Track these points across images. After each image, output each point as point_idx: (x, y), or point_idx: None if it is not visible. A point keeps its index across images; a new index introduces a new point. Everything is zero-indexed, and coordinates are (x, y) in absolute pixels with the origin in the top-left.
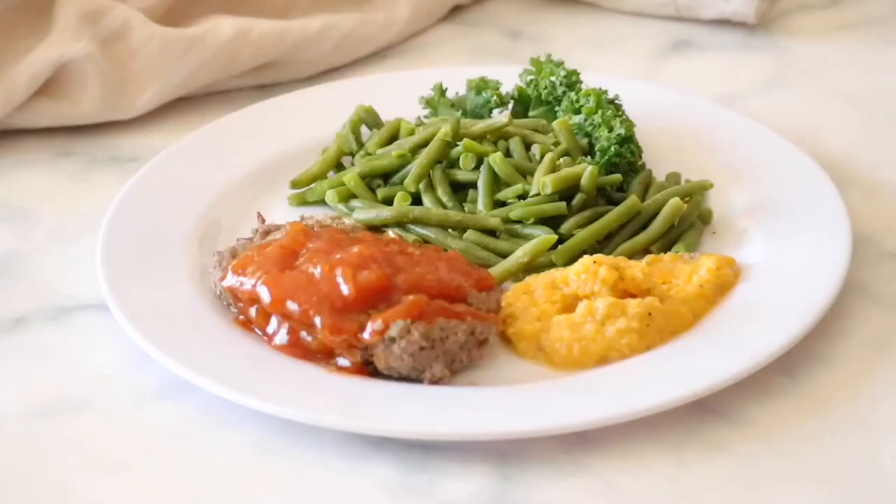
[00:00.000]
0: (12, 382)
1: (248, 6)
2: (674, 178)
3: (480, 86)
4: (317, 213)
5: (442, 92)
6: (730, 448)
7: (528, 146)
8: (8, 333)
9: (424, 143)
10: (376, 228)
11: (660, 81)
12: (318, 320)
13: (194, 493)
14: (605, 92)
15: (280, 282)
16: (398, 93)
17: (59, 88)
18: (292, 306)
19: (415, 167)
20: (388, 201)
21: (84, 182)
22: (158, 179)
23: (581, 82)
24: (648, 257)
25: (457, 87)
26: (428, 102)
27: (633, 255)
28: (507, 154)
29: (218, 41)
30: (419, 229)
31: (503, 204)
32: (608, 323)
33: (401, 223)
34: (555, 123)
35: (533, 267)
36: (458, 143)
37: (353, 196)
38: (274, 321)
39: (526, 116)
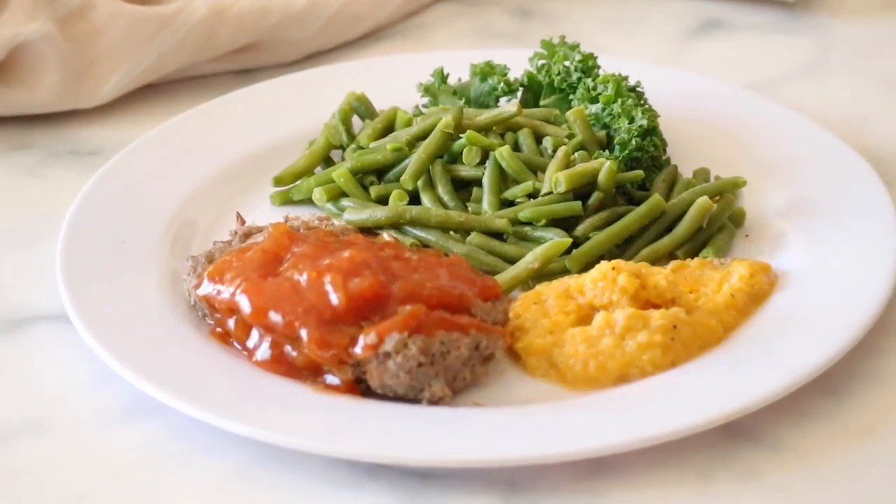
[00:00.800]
0: None
1: None
2: (702, 174)
3: (486, 71)
4: (303, 214)
5: (443, 78)
6: (764, 477)
7: (538, 139)
8: None
9: (423, 136)
10: (369, 231)
11: (686, 66)
12: (304, 333)
13: None
14: (626, 78)
15: (262, 290)
16: (394, 79)
17: (14, 73)
18: (275, 317)
19: (412, 162)
20: (383, 200)
21: (42, 178)
22: (125, 175)
23: (598, 67)
24: (673, 263)
25: (459, 73)
26: (427, 90)
27: (657, 260)
28: (516, 148)
29: (192, 20)
30: (417, 231)
31: (511, 203)
32: (628, 337)
33: (397, 225)
34: (569, 114)
35: (544, 274)
36: (460, 135)
37: (344, 194)
38: (255, 334)
39: (537, 106)
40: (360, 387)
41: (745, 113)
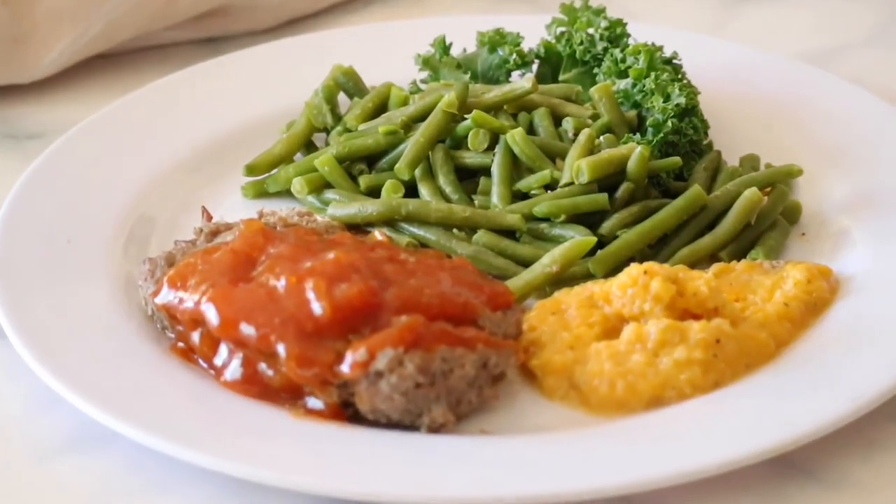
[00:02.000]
0: None
1: None
2: (750, 161)
3: (495, 41)
4: (280, 208)
5: (445, 49)
6: None
7: (557, 120)
8: None
9: (422, 117)
10: (358, 228)
11: (732, 35)
12: (281, 349)
13: None
14: (660, 49)
15: (231, 298)
16: (387, 49)
17: None
18: (248, 330)
19: (409, 148)
20: (374, 192)
21: None
22: (71, 162)
23: (628, 36)
24: (716, 267)
25: (464, 43)
26: (426, 62)
27: (697, 263)
28: (530, 130)
29: None
30: (415, 229)
31: (525, 196)
32: (663, 353)
33: (391, 221)
34: (593, 90)
35: (564, 279)
36: (465, 116)
37: (328, 185)
38: (223, 350)
39: (555, 81)
40: (347, 412)
41: (800, 89)
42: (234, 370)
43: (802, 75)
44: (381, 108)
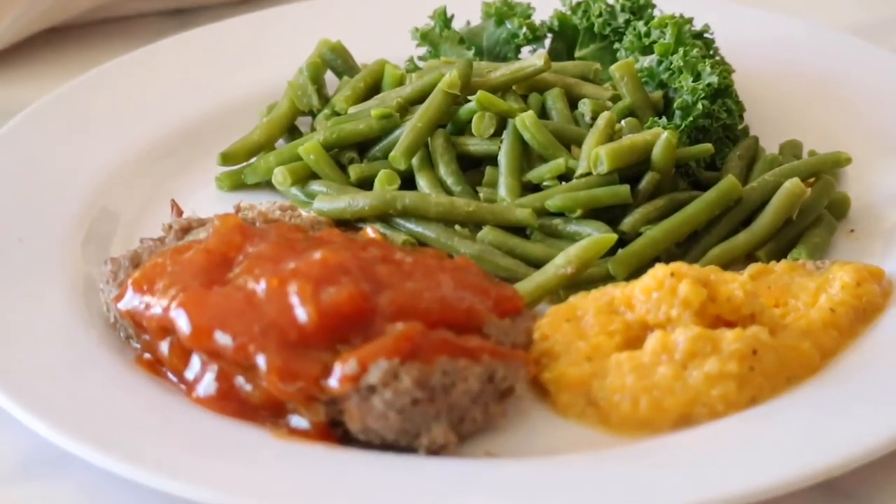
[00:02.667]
0: None
1: None
2: (791, 148)
3: (503, 12)
4: (260, 202)
5: (445, 21)
6: None
7: (573, 102)
8: None
9: (420, 98)
10: (348, 224)
11: (771, 6)
12: (261, 360)
13: None
14: (690, 21)
15: (205, 303)
16: (380, 22)
17: None
18: (223, 340)
19: (405, 134)
20: (366, 184)
21: None
22: (23, 149)
23: (653, 7)
24: (753, 267)
25: (468, 15)
26: (424, 37)
27: (731, 263)
28: (543, 114)
29: None
30: (412, 225)
31: (536, 188)
32: (692, 365)
33: (385, 216)
34: (613, 68)
35: (580, 281)
36: (469, 97)
37: (314, 176)
38: (196, 362)
39: (571, 57)
40: (335, 431)
41: (848, 66)
42: (207, 385)
43: (851, 50)
44: (373, 89)
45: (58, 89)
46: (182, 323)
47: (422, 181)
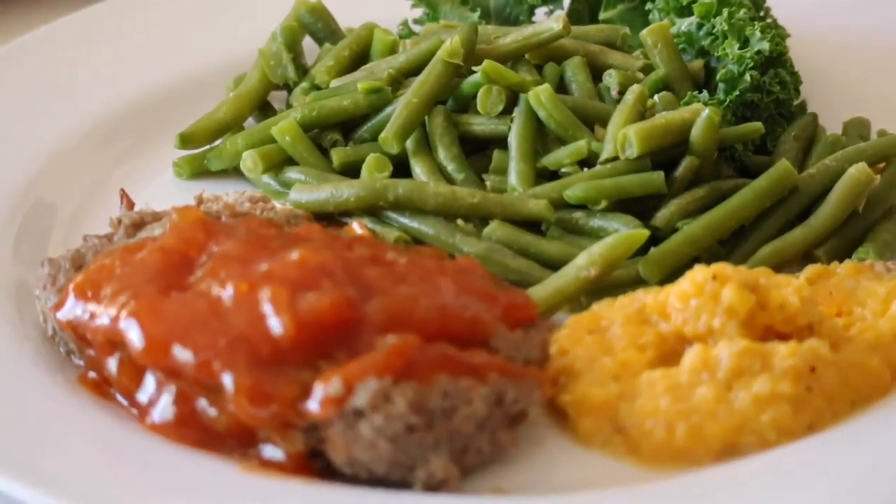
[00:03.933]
0: None
1: None
2: (857, 128)
3: None
4: (226, 192)
5: None
6: None
7: (597, 74)
8: None
9: (415, 69)
10: (331, 218)
11: None
12: (228, 380)
13: None
14: None
15: (161, 312)
16: None
17: None
18: (183, 355)
19: (398, 111)
20: (352, 171)
21: None
22: None
23: None
24: (811, 269)
25: None
26: None
27: (785, 264)
28: (561, 88)
29: None
30: (406, 220)
31: (553, 176)
32: (738, 385)
33: (374, 209)
34: (644, 33)
35: (605, 286)
36: (473, 68)
37: (290, 162)
38: (150, 382)
39: (594, 21)
40: (315, 463)
41: None
42: (163, 409)
43: None
44: (360, 58)
45: None
46: (133, 335)
47: (418, 168)
